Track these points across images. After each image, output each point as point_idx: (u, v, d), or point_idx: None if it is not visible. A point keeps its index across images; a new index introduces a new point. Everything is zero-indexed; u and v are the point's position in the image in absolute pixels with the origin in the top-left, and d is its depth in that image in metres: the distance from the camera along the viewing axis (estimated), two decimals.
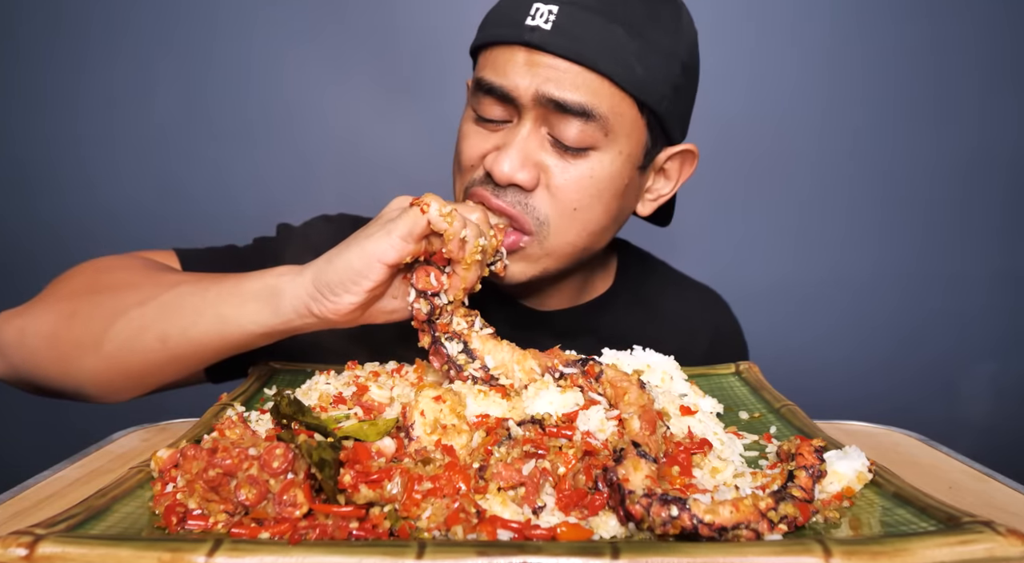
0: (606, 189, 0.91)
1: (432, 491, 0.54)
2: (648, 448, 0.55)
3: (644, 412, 0.62)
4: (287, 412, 0.66)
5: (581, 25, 0.84)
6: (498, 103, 0.89)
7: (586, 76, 0.85)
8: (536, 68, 0.85)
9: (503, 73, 0.87)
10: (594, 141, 0.88)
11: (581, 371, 0.74)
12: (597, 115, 0.86)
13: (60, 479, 0.71)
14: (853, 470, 0.60)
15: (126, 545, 0.46)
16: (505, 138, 0.90)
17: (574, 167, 0.89)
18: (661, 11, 0.90)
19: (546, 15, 0.84)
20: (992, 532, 0.46)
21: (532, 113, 0.88)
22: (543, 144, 0.89)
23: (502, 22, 0.89)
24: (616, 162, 0.90)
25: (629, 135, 0.90)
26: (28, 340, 0.85)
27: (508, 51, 0.88)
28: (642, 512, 0.49)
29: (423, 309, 0.77)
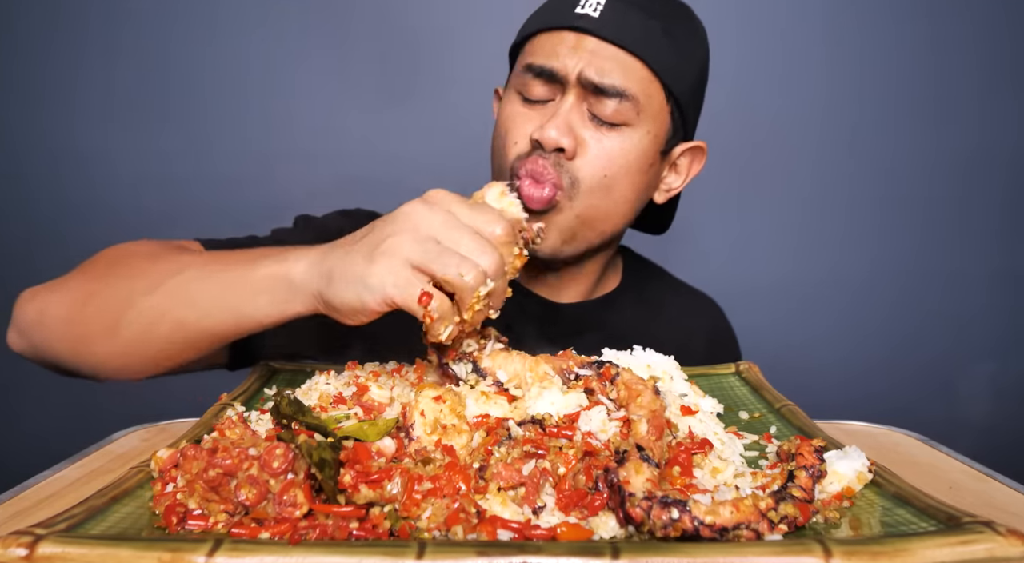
0: (633, 162, 1.02)
1: (432, 491, 0.54)
2: (651, 452, 0.55)
3: (653, 417, 0.61)
4: (287, 412, 0.66)
5: (624, 15, 0.97)
6: (544, 83, 1.01)
7: (624, 59, 0.97)
8: (582, 51, 0.97)
9: (553, 54, 0.99)
10: (627, 118, 0.99)
11: (596, 373, 0.73)
12: (630, 95, 0.98)
13: (60, 479, 0.71)
14: (853, 470, 0.60)
15: (126, 545, 0.46)
16: (548, 112, 1.00)
17: (608, 139, 1.00)
18: (688, 20, 1.05)
19: (595, 5, 0.97)
20: (992, 532, 0.46)
21: (575, 90, 0.99)
22: (583, 118, 1.00)
23: (552, 11, 1.02)
24: (644, 140, 1.02)
25: (656, 117, 1.02)
26: (47, 321, 0.87)
27: (557, 35, 1.00)
28: (642, 515, 0.49)
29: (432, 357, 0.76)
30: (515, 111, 1.04)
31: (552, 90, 1.01)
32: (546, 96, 1.01)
